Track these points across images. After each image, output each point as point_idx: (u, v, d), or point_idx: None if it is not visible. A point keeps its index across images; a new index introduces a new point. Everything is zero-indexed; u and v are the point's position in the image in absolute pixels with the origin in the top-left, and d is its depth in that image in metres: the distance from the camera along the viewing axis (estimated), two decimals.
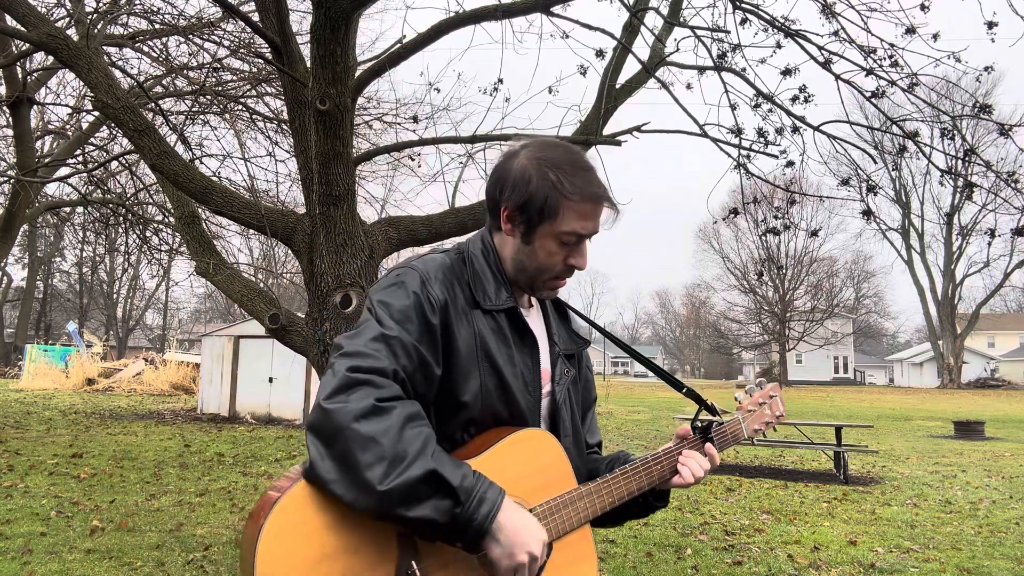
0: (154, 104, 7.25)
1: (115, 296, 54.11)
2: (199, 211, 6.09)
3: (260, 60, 8.70)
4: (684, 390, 1.69)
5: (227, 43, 9.55)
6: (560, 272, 1.47)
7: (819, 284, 55.45)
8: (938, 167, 5.08)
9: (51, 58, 8.93)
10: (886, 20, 4.77)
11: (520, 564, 1.23)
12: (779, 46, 5.02)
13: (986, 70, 4.76)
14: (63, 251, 47.99)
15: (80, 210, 17.17)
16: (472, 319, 1.42)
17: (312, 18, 3.44)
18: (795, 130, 5.14)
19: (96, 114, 10.34)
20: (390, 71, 4.53)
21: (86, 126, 12.66)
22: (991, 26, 4.44)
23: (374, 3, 3.66)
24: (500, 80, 5.55)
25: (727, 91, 5.10)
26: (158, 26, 9.86)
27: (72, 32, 6.40)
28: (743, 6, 4.92)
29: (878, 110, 5.27)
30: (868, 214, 5.40)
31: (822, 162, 5.20)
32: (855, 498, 8.44)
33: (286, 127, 9.06)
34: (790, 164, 5.21)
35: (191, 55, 9.96)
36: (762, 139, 5.25)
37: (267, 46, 4.86)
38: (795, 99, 4.98)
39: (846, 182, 5.55)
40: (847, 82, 4.85)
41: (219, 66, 9.15)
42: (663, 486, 1.57)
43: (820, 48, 4.85)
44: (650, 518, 6.98)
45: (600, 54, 5.23)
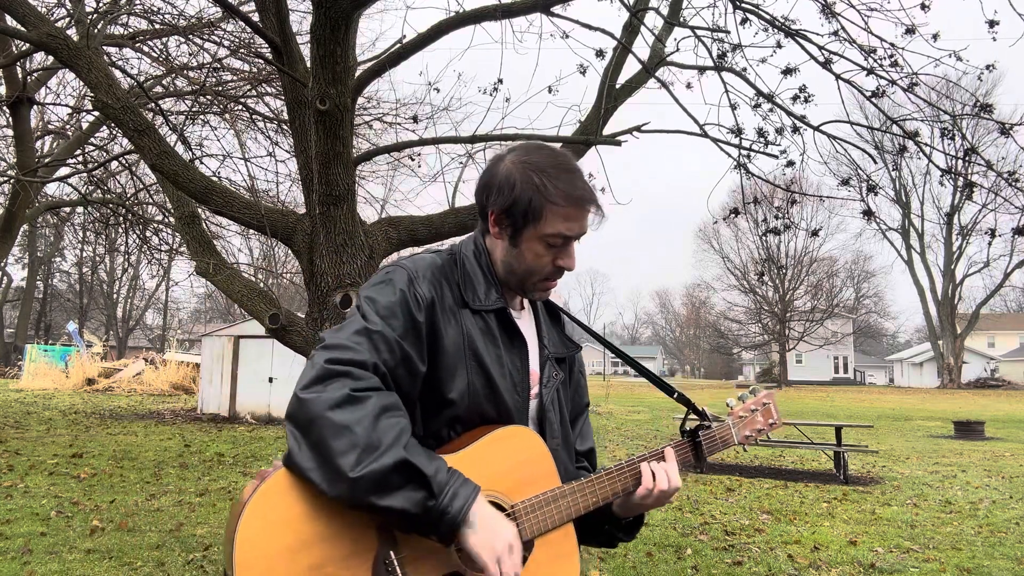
0: (154, 104, 7.25)
1: (115, 296, 54.12)
2: (199, 211, 6.09)
3: (260, 60, 8.70)
4: (675, 395, 1.70)
5: (227, 43, 9.55)
6: (549, 274, 1.48)
7: (819, 284, 55.44)
8: (938, 167, 5.08)
9: (51, 58, 8.93)
10: (886, 20, 4.77)
11: (500, 554, 1.25)
12: (779, 46, 5.02)
13: (987, 68, 4.76)
14: (63, 251, 48.02)
15: (80, 210, 17.18)
16: (460, 318, 1.44)
17: (312, 18, 3.44)
18: (795, 130, 5.14)
19: (96, 114, 10.34)
20: (390, 71, 4.53)
21: (86, 126, 12.67)
22: (992, 25, 4.44)
23: (374, 3, 3.66)
24: (500, 80, 5.55)
25: (727, 91, 5.10)
26: (158, 26, 9.86)
27: (72, 32, 6.40)
28: (743, 6, 4.92)
29: (878, 110, 5.27)
30: (868, 214, 5.40)
31: (822, 162, 5.20)
32: (855, 498, 8.44)
33: (286, 127, 9.06)
34: (790, 164, 5.20)
35: (191, 55, 9.96)
36: (762, 139, 5.25)
37: (267, 46, 4.86)
38: (795, 99, 4.98)
39: (846, 182, 5.55)
40: (847, 82, 4.85)
41: (219, 66, 9.15)
42: (632, 504, 1.54)
43: (820, 48, 4.85)
44: (650, 518, 6.97)
45: (600, 54, 5.23)
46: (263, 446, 11.92)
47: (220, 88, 9.10)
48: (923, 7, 4.59)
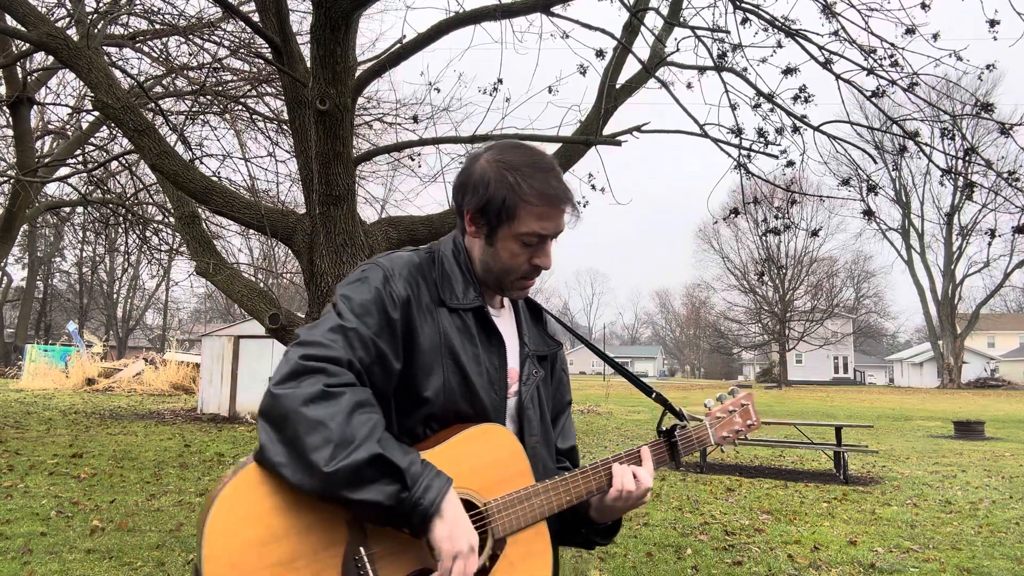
0: (154, 104, 7.26)
1: (115, 296, 54.13)
2: (199, 211, 6.09)
3: (260, 60, 8.70)
4: (653, 395, 1.70)
5: (227, 43, 9.55)
6: (526, 272, 1.48)
7: (819, 284, 55.45)
8: (938, 167, 5.08)
9: (51, 58, 8.93)
10: (886, 20, 4.77)
11: (460, 551, 1.25)
12: (779, 46, 5.02)
13: (988, 68, 4.76)
14: (63, 251, 48.01)
15: (80, 210, 17.18)
16: (437, 317, 1.44)
17: (312, 18, 3.44)
18: (795, 130, 5.14)
19: (96, 114, 10.34)
20: (390, 71, 4.53)
21: (86, 126, 12.67)
22: (992, 24, 4.44)
23: (374, 3, 3.66)
24: (500, 80, 5.55)
25: (727, 91, 5.10)
26: (158, 26, 9.86)
27: (72, 32, 6.40)
28: (743, 6, 4.92)
29: (878, 110, 5.27)
30: (868, 214, 5.40)
31: (822, 162, 5.20)
32: (855, 498, 8.44)
33: (286, 127, 9.06)
34: (790, 164, 5.21)
35: (191, 55, 9.96)
36: (762, 139, 5.25)
37: (267, 46, 4.86)
38: (796, 99, 4.98)
39: (846, 182, 5.55)
40: (847, 82, 4.85)
41: (219, 66, 9.15)
42: (606, 507, 1.53)
43: (820, 48, 4.84)
44: (650, 518, 6.97)
45: (600, 54, 5.23)
46: None
47: (220, 88, 9.10)
48: (923, 7, 4.59)
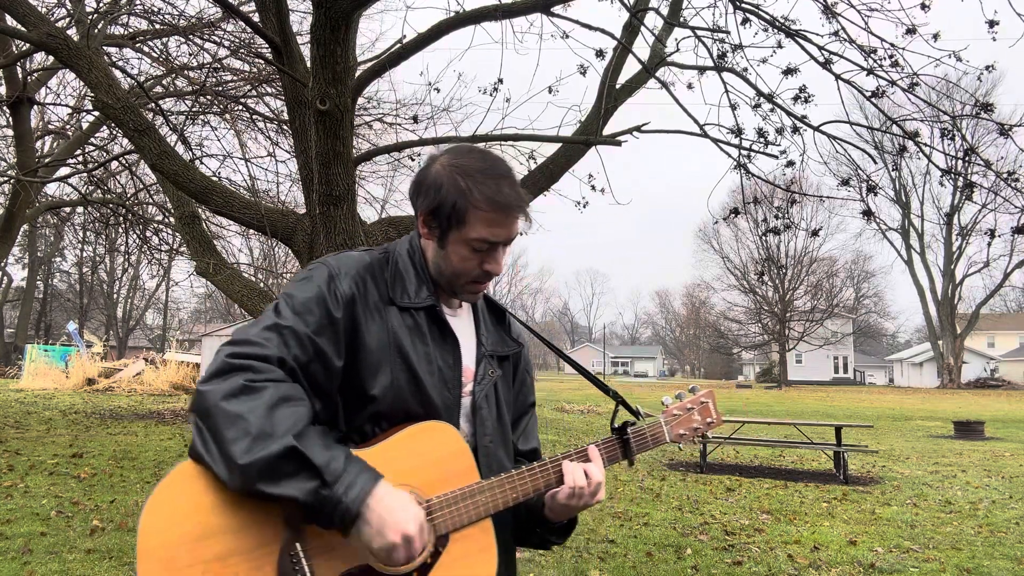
0: (154, 104, 7.27)
1: (115, 296, 54.11)
2: (199, 211, 6.09)
3: (260, 60, 8.70)
4: (611, 393, 1.71)
5: (227, 43, 9.56)
6: (477, 276, 1.48)
7: (819, 284, 55.45)
8: (938, 167, 5.09)
9: (51, 58, 8.94)
10: (886, 20, 4.77)
11: (392, 544, 1.23)
12: (779, 46, 5.02)
13: (987, 69, 4.76)
14: (63, 251, 47.98)
15: (80, 210, 17.18)
16: (386, 315, 1.44)
17: (312, 18, 3.45)
18: (795, 130, 5.14)
19: (96, 114, 10.34)
20: (390, 71, 4.53)
21: (86, 126, 12.67)
22: (992, 25, 4.44)
23: (374, 3, 3.66)
24: (500, 80, 5.55)
25: (727, 91, 5.10)
26: (158, 26, 9.87)
27: (72, 32, 6.40)
28: (743, 6, 4.92)
29: (878, 110, 5.28)
30: (868, 214, 5.40)
31: (822, 162, 5.21)
32: (855, 498, 8.44)
33: (286, 127, 9.06)
34: (790, 164, 5.21)
35: (191, 55, 9.97)
36: (762, 139, 5.25)
37: (267, 46, 4.86)
38: (796, 99, 4.98)
39: (846, 182, 5.55)
40: (847, 82, 4.85)
41: (219, 66, 9.15)
42: (559, 506, 1.52)
43: (820, 48, 4.85)
44: (650, 518, 6.97)
45: (600, 54, 5.23)
46: None
47: (220, 88, 9.10)
48: (923, 7, 4.59)
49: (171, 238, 12.75)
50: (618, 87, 5.53)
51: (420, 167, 1.54)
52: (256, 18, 5.34)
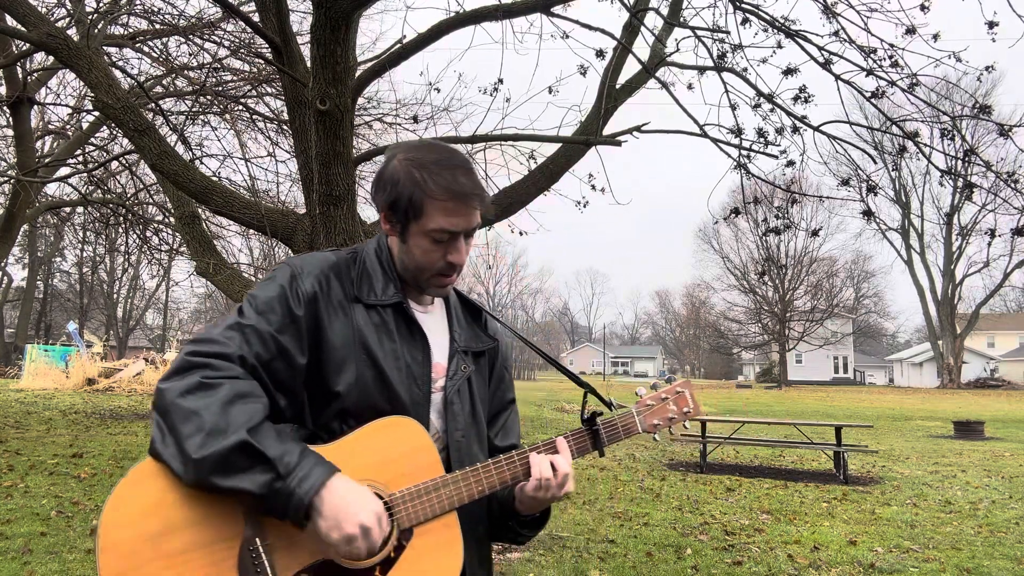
0: (154, 104, 7.27)
1: (115, 296, 54.10)
2: (199, 211, 6.10)
3: (260, 60, 8.71)
4: (581, 383, 1.72)
5: (227, 43, 9.56)
6: (441, 269, 1.48)
7: (819, 284, 55.47)
8: (938, 167, 5.09)
9: (51, 58, 8.94)
10: (886, 20, 4.77)
11: (349, 535, 1.24)
12: (779, 46, 5.02)
13: (987, 70, 4.77)
14: (63, 251, 47.96)
15: (80, 210, 17.19)
16: (351, 313, 1.46)
17: (312, 18, 3.45)
18: (795, 130, 5.15)
19: (96, 114, 10.34)
20: (390, 71, 4.53)
21: (86, 126, 12.68)
22: (991, 26, 4.45)
23: (374, 3, 3.67)
24: (500, 80, 5.55)
25: (727, 91, 5.10)
26: (158, 26, 9.87)
27: (72, 32, 6.40)
28: (743, 6, 4.93)
29: (878, 110, 5.28)
30: (868, 214, 5.41)
31: (822, 162, 5.21)
32: (855, 498, 8.44)
33: (286, 127, 9.06)
34: (790, 164, 5.21)
35: (191, 55, 9.97)
36: (762, 139, 5.26)
37: (267, 46, 4.87)
38: (796, 99, 4.98)
39: (846, 182, 5.55)
40: (847, 82, 4.86)
41: (219, 66, 9.16)
42: (524, 499, 1.52)
43: (820, 48, 4.85)
44: (650, 518, 6.98)
45: (600, 54, 5.23)
46: None
47: (220, 88, 9.11)
48: (923, 8, 4.60)
49: (171, 238, 12.76)
50: (618, 87, 5.53)
51: (381, 165, 1.55)
52: (256, 18, 5.34)
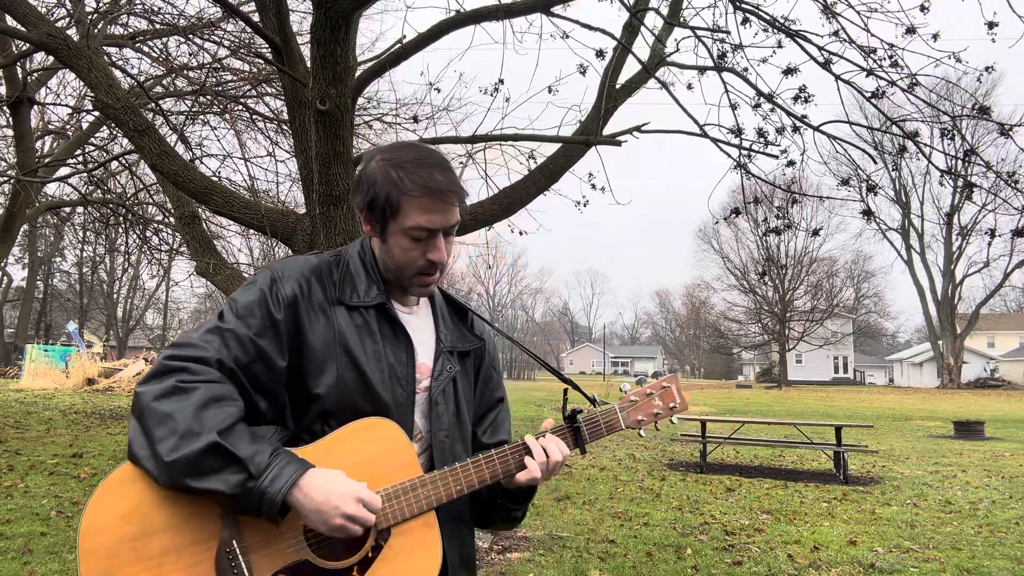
0: (154, 104, 7.27)
1: (115, 296, 54.09)
2: (199, 211, 6.10)
3: (260, 60, 8.70)
4: (563, 379, 1.73)
5: (227, 43, 9.56)
6: (422, 268, 1.49)
7: (819, 284, 55.44)
8: (938, 167, 5.09)
9: (51, 58, 8.94)
10: (886, 20, 4.77)
11: (338, 526, 1.28)
12: (780, 46, 5.02)
13: (987, 70, 4.77)
14: (63, 251, 47.96)
15: (80, 210, 17.19)
16: (332, 315, 1.46)
17: (312, 18, 3.45)
18: (795, 130, 5.15)
19: (96, 114, 10.34)
20: (390, 71, 4.53)
21: (86, 126, 12.67)
22: (991, 26, 4.45)
23: (374, 3, 3.67)
24: (501, 80, 5.56)
25: (727, 91, 5.10)
26: (158, 26, 9.87)
27: (72, 32, 6.40)
28: (743, 6, 4.93)
29: (878, 110, 5.28)
30: (868, 214, 5.41)
31: (822, 162, 5.22)
32: (855, 498, 8.44)
33: (286, 127, 9.06)
34: (790, 164, 5.21)
35: (191, 55, 9.97)
36: (762, 139, 5.26)
37: (267, 46, 4.87)
38: (796, 99, 4.98)
39: (846, 182, 5.56)
40: (847, 82, 4.86)
41: (219, 66, 9.16)
42: (511, 483, 1.53)
43: (820, 48, 4.85)
44: (650, 518, 6.98)
45: (600, 54, 5.23)
46: None
47: (220, 88, 9.10)
48: (923, 8, 4.60)
49: (171, 238, 12.76)
50: (618, 87, 5.53)
51: (360, 167, 1.56)
52: (256, 18, 5.34)
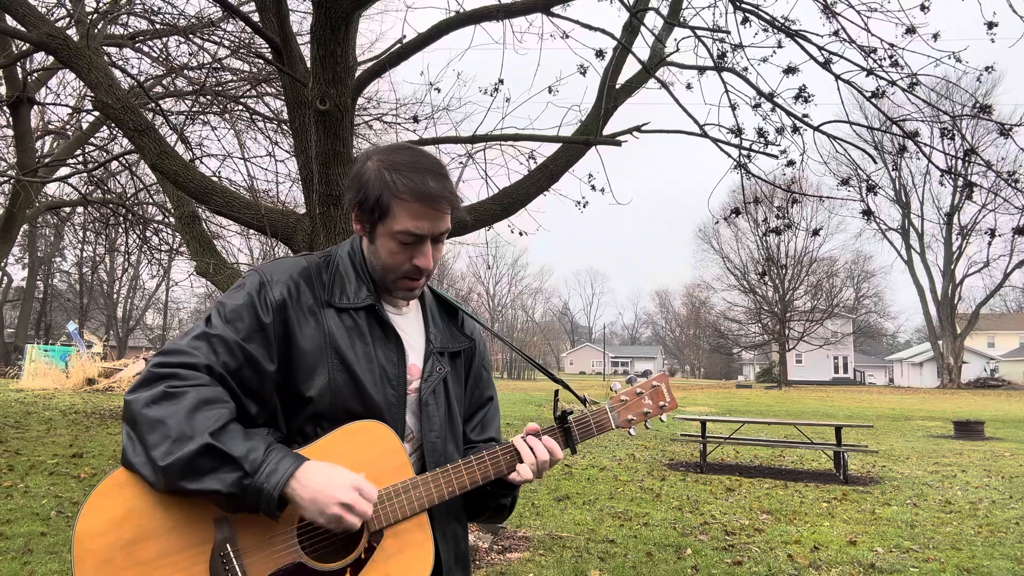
0: (154, 104, 7.27)
1: (115, 296, 54.09)
2: (199, 211, 6.10)
3: (260, 60, 8.70)
4: (555, 379, 1.74)
5: (227, 43, 9.56)
6: (408, 272, 1.49)
7: (819, 284, 55.40)
8: (938, 167, 5.09)
9: (51, 58, 8.94)
10: (886, 20, 4.77)
11: (336, 516, 1.29)
12: (780, 46, 5.02)
13: (987, 70, 4.77)
14: (63, 251, 47.96)
15: (80, 210, 17.18)
16: (322, 317, 1.46)
17: (312, 18, 3.45)
18: (795, 130, 5.15)
19: (96, 114, 10.34)
20: (390, 71, 4.53)
21: (86, 126, 12.67)
22: (991, 26, 4.45)
23: (374, 3, 3.67)
24: (501, 80, 5.56)
25: (727, 91, 5.10)
26: (158, 26, 9.87)
27: (72, 32, 6.40)
28: (743, 6, 4.92)
29: (878, 110, 5.28)
30: (868, 214, 5.41)
31: (822, 162, 5.22)
32: (855, 498, 8.44)
33: (286, 127, 9.06)
34: (790, 164, 5.21)
35: (191, 55, 9.96)
36: (762, 139, 5.26)
37: (267, 46, 4.87)
38: (796, 98, 4.98)
39: (846, 182, 5.55)
40: (847, 82, 4.86)
41: (219, 66, 9.16)
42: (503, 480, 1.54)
43: (820, 48, 4.85)
44: (650, 518, 6.97)
45: (600, 54, 5.23)
46: None
47: (220, 88, 9.11)
48: (923, 8, 4.60)
49: (171, 238, 12.76)
50: (618, 87, 5.53)
51: (355, 166, 1.56)
52: (256, 18, 5.34)
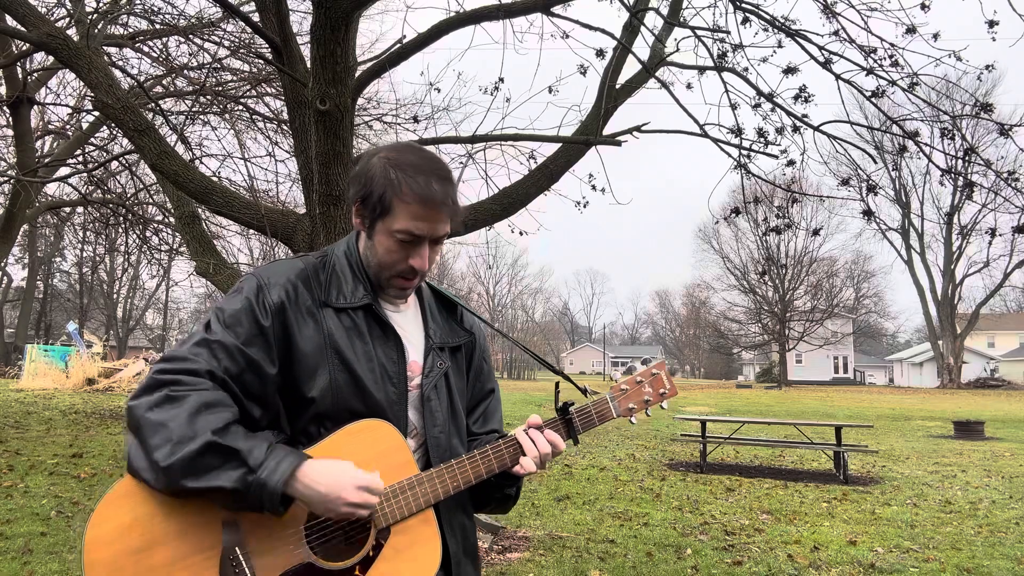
0: (154, 104, 7.26)
1: (115, 296, 54.08)
2: (199, 211, 6.10)
3: (260, 60, 8.70)
4: (556, 371, 1.76)
5: (227, 43, 9.55)
6: (402, 271, 1.50)
7: (819, 284, 55.39)
8: (938, 167, 5.09)
9: (51, 58, 8.93)
10: (886, 20, 4.77)
11: (343, 514, 1.32)
12: (780, 46, 5.02)
13: (987, 69, 4.77)
14: (63, 251, 47.94)
15: (80, 210, 17.18)
16: (321, 318, 1.47)
17: (312, 18, 3.45)
18: (795, 130, 5.14)
19: (96, 114, 10.34)
20: (390, 71, 4.53)
21: (86, 126, 12.67)
22: (992, 25, 4.45)
23: (374, 3, 3.67)
24: (501, 80, 5.55)
25: (727, 91, 5.10)
26: (158, 26, 9.87)
27: (72, 32, 6.40)
28: (743, 6, 4.92)
29: (878, 110, 5.28)
30: (868, 214, 5.41)
31: (822, 162, 5.22)
32: (855, 498, 8.44)
33: (286, 127, 9.06)
34: (790, 164, 5.21)
35: (191, 55, 9.96)
36: (762, 139, 5.26)
37: (267, 46, 4.87)
38: (796, 98, 4.98)
39: (846, 182, 5.55)
40: (847, 82, 4.86)
41: (219, 66, 9.15)
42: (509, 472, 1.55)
43: (820, 48, 4.85)
44: (650, 518, 6.97)
45: (600, 54, 5.23)
46: None
47: (220, 88, 9.11)
48: (923, 7, 4.60)
49: (171, 238, 12.77)
50: (618, 87, 5.53)
51: (361, 162, 1.56)
52: (256, 18, 5.34)
